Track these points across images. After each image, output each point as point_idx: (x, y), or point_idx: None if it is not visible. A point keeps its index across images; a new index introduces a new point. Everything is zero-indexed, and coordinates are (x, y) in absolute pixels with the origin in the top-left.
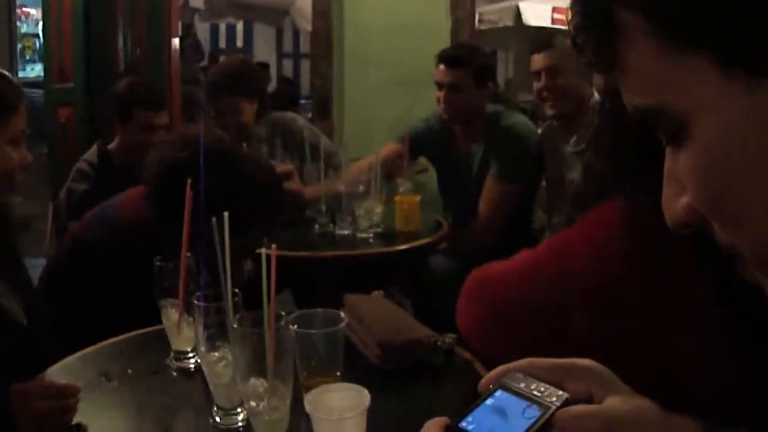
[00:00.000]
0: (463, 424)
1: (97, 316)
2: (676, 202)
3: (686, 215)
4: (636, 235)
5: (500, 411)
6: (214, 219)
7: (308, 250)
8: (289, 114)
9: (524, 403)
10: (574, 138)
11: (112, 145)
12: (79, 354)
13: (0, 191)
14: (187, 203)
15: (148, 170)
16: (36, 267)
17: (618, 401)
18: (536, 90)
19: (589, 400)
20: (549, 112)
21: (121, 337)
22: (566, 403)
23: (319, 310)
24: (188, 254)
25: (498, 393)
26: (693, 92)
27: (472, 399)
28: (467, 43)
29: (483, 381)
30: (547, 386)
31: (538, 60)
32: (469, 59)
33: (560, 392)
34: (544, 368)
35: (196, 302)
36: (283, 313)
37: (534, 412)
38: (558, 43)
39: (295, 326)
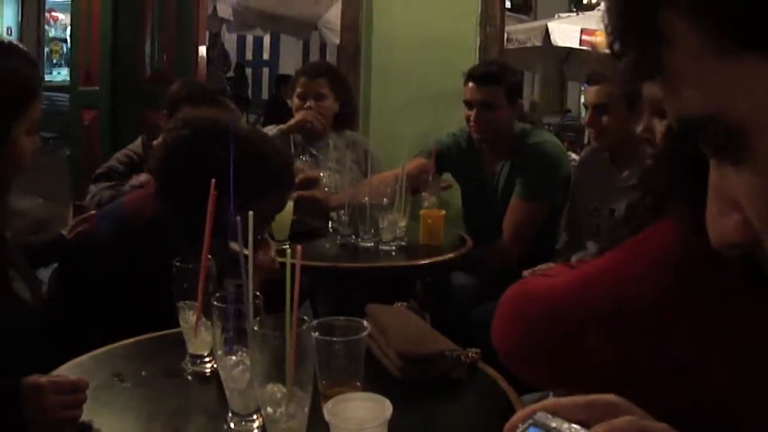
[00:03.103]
0: None
1: (107, 318)
2: (726, 219)
3: (738, 235)
4: (692, 252)
5: None
6: (238, 218)
7: (330, 261)
8: (362, 137)
9: None
10: (626, 173)
11: (157, 141)
12: (91, 354)
13: (11, 176)
14: (210, 202)
15: (152, 158)
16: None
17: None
18: (585, 122)
19: None
20: (593, 144)
21: (135, 338)
22: None
23: (341, 318)
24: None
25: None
26: (751, 99)
27: (496, 417)
28: (497, 61)
29: (508, 425)
30: (578, 427)
31: (588, 93)
32: (501, 76)
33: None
34: (568, 407)
35: (215, 303)
36: (306, 318)
37: None
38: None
39: (317, 333)
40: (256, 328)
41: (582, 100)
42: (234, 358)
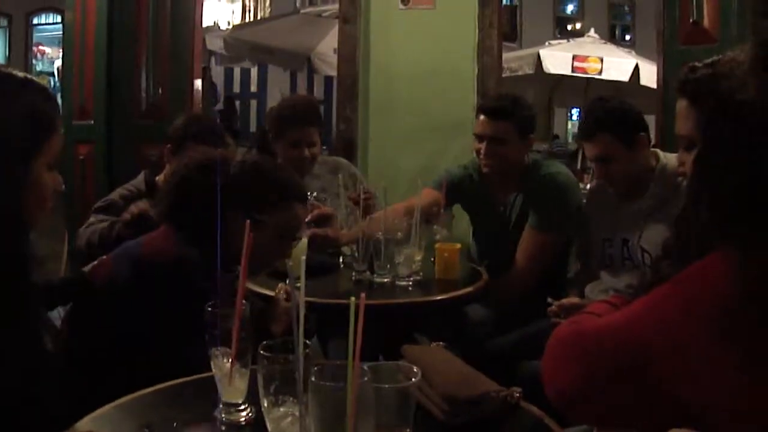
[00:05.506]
0: None
1: (126, 364)
2: None
3: None
4: (748, 284)
5: None
6: (288, 260)
7: (346, 298)
8: (345, 160)
9: None
10: (637, 204)
11: (159, 177)
12: (115, 403)
13: (34, 219)
14: (246, 244)
15: (160, 202)
16: None
17: None
18: (596, 176)
19: None
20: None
21: (160, 386)
22: None
23: (389, 363)
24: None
25: None
26: None
27: None
28: (510, 95)
29: None
30: None
31: (588, 149)
32: (513, 111)
33: None
34: None
35: (262, 352)
36: (366, 368)
37: None
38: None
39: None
40: (313, 379)
41: (569, 126)
42: (282, 409)
